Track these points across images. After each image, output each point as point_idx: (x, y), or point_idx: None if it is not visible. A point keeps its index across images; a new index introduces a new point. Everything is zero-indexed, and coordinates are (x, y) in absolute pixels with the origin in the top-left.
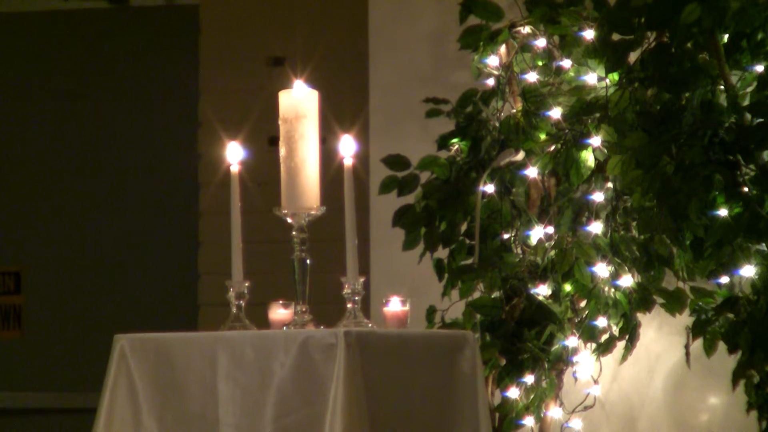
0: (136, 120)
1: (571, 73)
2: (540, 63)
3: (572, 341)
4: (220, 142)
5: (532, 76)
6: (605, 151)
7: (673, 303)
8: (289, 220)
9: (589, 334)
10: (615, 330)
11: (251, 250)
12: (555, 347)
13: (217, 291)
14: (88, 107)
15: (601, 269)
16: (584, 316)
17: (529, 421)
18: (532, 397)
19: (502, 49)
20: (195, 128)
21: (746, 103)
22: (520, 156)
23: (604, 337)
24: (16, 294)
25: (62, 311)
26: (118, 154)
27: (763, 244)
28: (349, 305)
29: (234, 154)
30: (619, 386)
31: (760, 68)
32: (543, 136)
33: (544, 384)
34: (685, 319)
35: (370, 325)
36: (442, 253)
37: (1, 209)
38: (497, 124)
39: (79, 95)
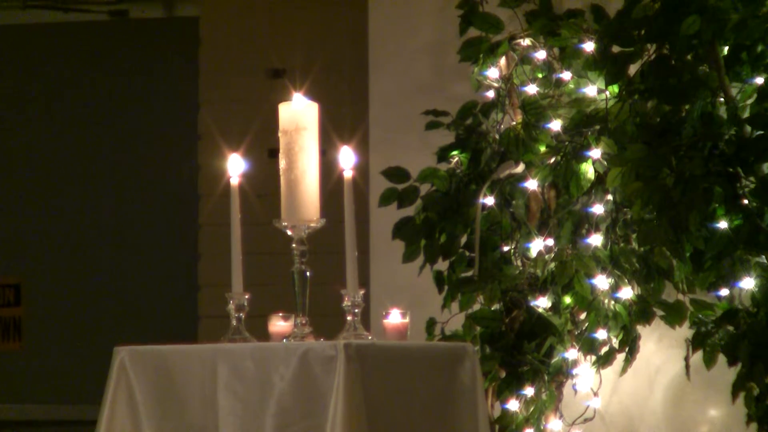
0: (136, 132)
1: (571, 85)
2: (540, 75)
3: (572, 353)
4: (220, 154)
5: (531, 88)
6: (605, 163)
7: (673, 315)
8: (289, 232)
9: (589, 346)
10: (615, 342)
11: (251, 262)
12: (555, 359)
13: (217, 303)
14: (89, 119)
15: (601, 281)
16: (584, 328)
17: None
18: (531, 409)
19: (502, 61)
20: (195, 140)
21: (746, 115)
22: (520, 168)
23: (604, 349)
24: (16, 306)
25: (62, 323)
26: (118, 166)
27: (763, 257)
28: (349, 317)
29: (234, 166)
30: (618, 398)
31: (760, 80)
32: (543, 149)
33: (543, 396)
34: (685, 331)
35: (370, 337)
36: (442, 265)
37: (0, 221)
38: (497, 136)
39: (80, 107)
